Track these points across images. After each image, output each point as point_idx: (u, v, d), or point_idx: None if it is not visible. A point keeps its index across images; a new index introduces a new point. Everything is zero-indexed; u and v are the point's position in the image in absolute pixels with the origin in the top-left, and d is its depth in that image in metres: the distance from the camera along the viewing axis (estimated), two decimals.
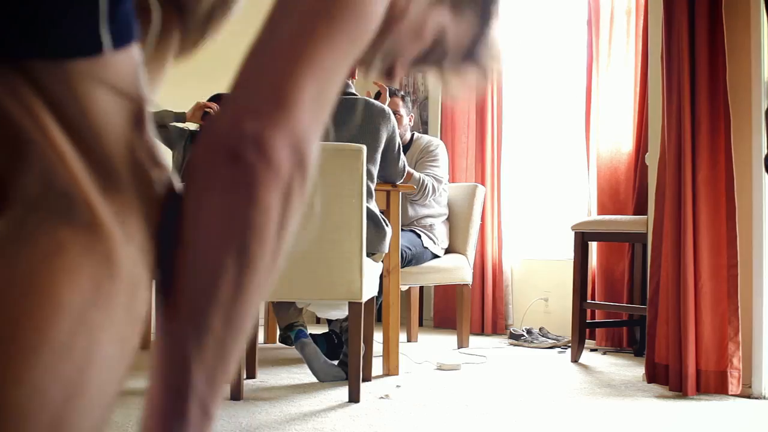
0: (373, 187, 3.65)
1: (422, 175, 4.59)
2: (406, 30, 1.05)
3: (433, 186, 4.61)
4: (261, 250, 0.83)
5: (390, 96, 4.65)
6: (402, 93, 4.74)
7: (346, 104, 3.69)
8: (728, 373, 3.30)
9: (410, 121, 4.80)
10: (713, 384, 3.32)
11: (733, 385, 3.29)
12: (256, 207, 0.81)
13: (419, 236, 4.69)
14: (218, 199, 0.81)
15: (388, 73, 1.11)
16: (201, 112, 4.61)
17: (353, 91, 3.84)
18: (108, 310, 0.81)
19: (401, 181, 3.96)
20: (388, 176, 3.87)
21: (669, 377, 3.41)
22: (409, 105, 4.78)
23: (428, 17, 1.07)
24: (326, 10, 0.85)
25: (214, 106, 4.63)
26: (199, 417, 0.87)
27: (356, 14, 0.86)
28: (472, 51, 1.14)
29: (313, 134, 0.84)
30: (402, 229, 4.48)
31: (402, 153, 3.92)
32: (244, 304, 0.85)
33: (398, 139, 3.87)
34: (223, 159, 0.80)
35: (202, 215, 0.82)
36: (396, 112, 4.57)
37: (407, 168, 4.42)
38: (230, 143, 0.80)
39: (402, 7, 1.03)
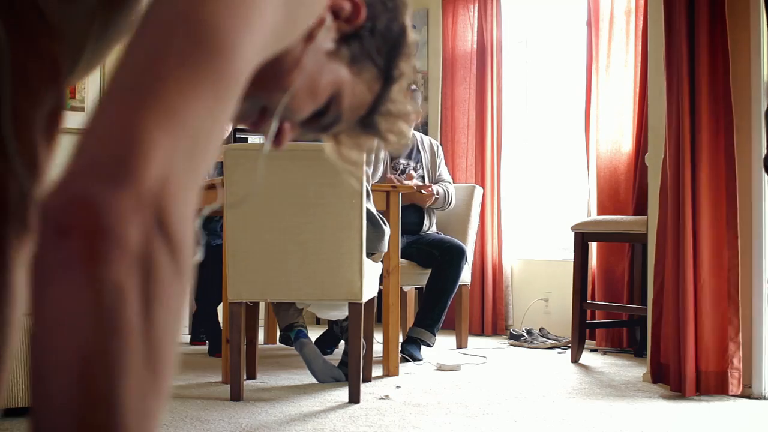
0: (369, 187, 3.65)
1: (444, 189, 4.68)
2: (299, 86, 0.94)
3: (453, 192, 4.77)
4: (118, 345, 0.63)
5: None
6: (413, 87, 4.73)
7: None
8: (728, 374, 3.29)
9: (417, 117, 4.78)
10: (713, 384, 3.32)
11: (734, 386, 3.29)
12: (101, 291, 0.63)
13: (438, 233, 4.74)
14: (52, 289, 0.63)
15: (277, 136, 0.98)
16: None
17: None
18: None
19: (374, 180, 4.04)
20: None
21: (670, 377, 3.41)
22: (418, 99, 4.73)
23: (324, 73, 0.96)
24: (174, 47, 0.71)
25: None
26: None
27: (213, 51, 0.72)
28: (369, 116, 1.03)
29: (178, 192, 0.68)
30: (432, 234, 4.66)
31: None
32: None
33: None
34: (52, 235, 0.64)
35: (41, 312, 0.64)
36: None
37: (436, 189, 4.61)
38: (58, 214, 0.64)
39: (295, 57, 0.93)
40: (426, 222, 4.70)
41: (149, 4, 0.75)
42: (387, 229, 3.59)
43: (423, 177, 4.72)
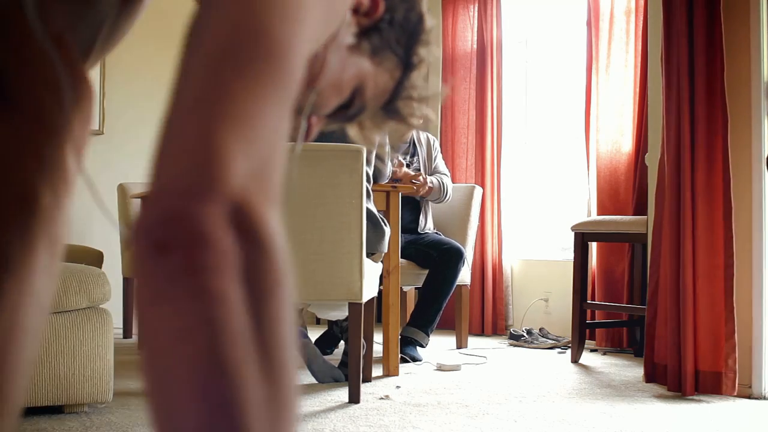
0: (369, 187, 3.65)
1: (439, 180, 4.66)
2: (324, 83, 0.97)
3: (449, 183, 4.73)
4: (235, 355, 0.63)
5: None
6: None
7: None
8: (724, 374, 3.30)
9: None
10: (710, 384, 3.33)
11: (728, 386, 3.29)
12: (209, 301, 0.63)
13: (437, 233, 4.74)
14: (160, 304, 0.64)
15: (306, 132, 1.00)
16: None
17: None
18: None
19: (382, 180, 4.03)
20: (377, 175, 3.92)
21: (668, 377, 3.41)
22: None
23: (347, 68, 0.99)
24: (236, 57, 0.72)
25: None
26: None
27: (272, 57, 0.74)
28: (391, 103, 1.06)
29: (261, 195, 0.69)
30: (431, 234, 4.66)
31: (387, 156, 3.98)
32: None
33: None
34: (153, 253, 0.65)
35: (152, 328, 0.65)
36: None
37: (430, 180, 4.59)
38: (154, 232, 0.65)
39: (320, 56, 0.95)
40: (422, 219, 4.70)
41: (196, 14, 0.77)
42: (387, 230, 3.59)
43: (419, 170, 4.73)
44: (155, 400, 0.64)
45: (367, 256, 3.44)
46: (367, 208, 3.48)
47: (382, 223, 3.56)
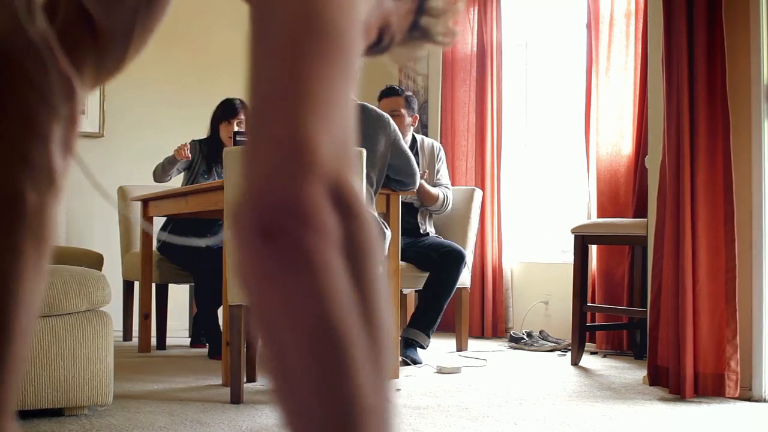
0: (372, 191, 3.65)
1: (441, 192, 4.68)
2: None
3: (450, 197, 4.77)
4: (344, 320, 0.71)
5: (393, 95, 4.67)
6: (408, 93, 4.76)
7: None
8: (726, 376, 3.29)
9: (413, 122, 4.79)
10: (711, 387, 3.32)
11: (731, 388, 3.29)
12: (320, 279, 0.71)
13: (437, 237, 4.75)
14: (274, 290, 0.72)
15: None
16: (185, 147, 4.73)
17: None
18: None
19: (415, 186, 4.00)
20: (406, 177, 3.90)
21: (669, 380, 3.41)
22: (414, 106, 4.78)
23: (371, 14, 1.02)
24: (303, 39, 0.78)
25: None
26: None
27: (337, 43, 0.79)
28: (416, 25, 1.12)
29: (348, 172, 0.77)
30: (431, 237, 4.67)
31: (411, 154, 3.97)
32: (361, 383, 0.72)
33: (402, 142, 3.90)
34: (263, 240, 0.72)
35: (268, 317, 0.73)
36: (396, 111, 4.58)
37: (431, 190, 4.61)
38: (262, 220, 0.72)
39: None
40: (422, 222, 4.70)
41: (256, 7, 0.82)
42: (388, 233, 3.59)
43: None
44: (275, 370, 0.73)
45: None
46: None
47: (383, 227, 3.56)
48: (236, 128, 4.82)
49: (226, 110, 4.85)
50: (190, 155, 4.75)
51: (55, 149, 0.95)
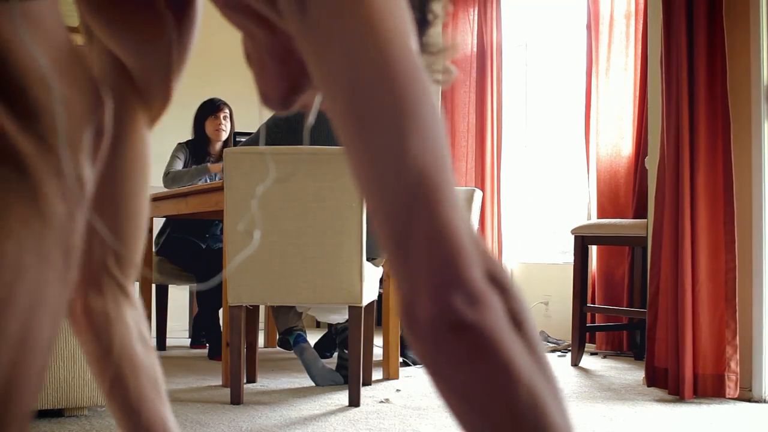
0: None
1: None
2: None
3: None
4: (532, 385, 0.82)
5: None
6: None
7: None
8: (726, 377, 3.29)
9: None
10: (711, 387, 3.32)
11: (731, 389, 3.29)
12: (501, 355, 0.79)
13: None
14: (470, 377, 0.79)
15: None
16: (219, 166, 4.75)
17: None
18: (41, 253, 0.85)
19: None
20: None
21: (668, 381, 3.41)
22: None
23: None
24: (399, 106, 0.82)
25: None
26: None
27: (411, 58, 0.83)
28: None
29: (483, 247, 0.83)
30: None
31: None
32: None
33: None
34: (451, 337, 0.78)
35: (470, 407, 0.80)
36: None
37: None
38: (447, 317, 0.78)
39: None
40: None
41: (317, 50, 0.84)
42: None
43: None
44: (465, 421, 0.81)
45: (370, 261, 3.44)
46: None
47: None
48: (222, 122, 4.89)
49: (209, 107, 4.95)
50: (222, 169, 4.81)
51: (83, 160, 0.96)
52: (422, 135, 0.81)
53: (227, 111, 4.97)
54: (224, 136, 4.94)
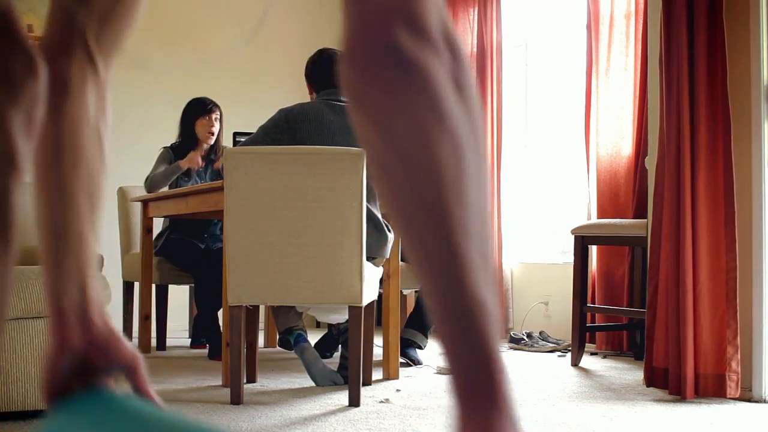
0: (377, 192, 3.64)
1: None
2: None
3: None
4: (454, 125, 0.74)
5: None
6: None
7: (344, 110, 3.69)
8: (727, 377, 3.29)
9: None
10: (712, 387, 3.32)
11: (732, 389, 3.29)
12: (437, 100, 0.73)
13: None
14: (400, 116, 0.73)
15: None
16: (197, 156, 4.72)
17: None
18: None
19: None
20: None
21: (668, 381, 3.41)
22: None
23: None
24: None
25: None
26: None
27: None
28: None
29: (438, 7, 0.77)
30: None
31: None
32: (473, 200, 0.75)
33: None
34: (390, 66, 0.72)
35: (396, 155, 0.74)
36: None
37: None
38: (393, 45, 0.72)
39: None
40: None
41: None
42: (391, 236, 3.58)
43: None
44: (387, 179, 0.78)
45: (369, 261, 3.43)
46: (372, 213, 3.48)
47: (386, 229, 3.55)
48: (214, 124, 4.81)
49: (200, 107, 4.84)
50: (201, 162, 4.75)
51: (15, 130, 0.91)
52: None
53: (218, 113, 4.86)
54: (213, 139, 4.86)
